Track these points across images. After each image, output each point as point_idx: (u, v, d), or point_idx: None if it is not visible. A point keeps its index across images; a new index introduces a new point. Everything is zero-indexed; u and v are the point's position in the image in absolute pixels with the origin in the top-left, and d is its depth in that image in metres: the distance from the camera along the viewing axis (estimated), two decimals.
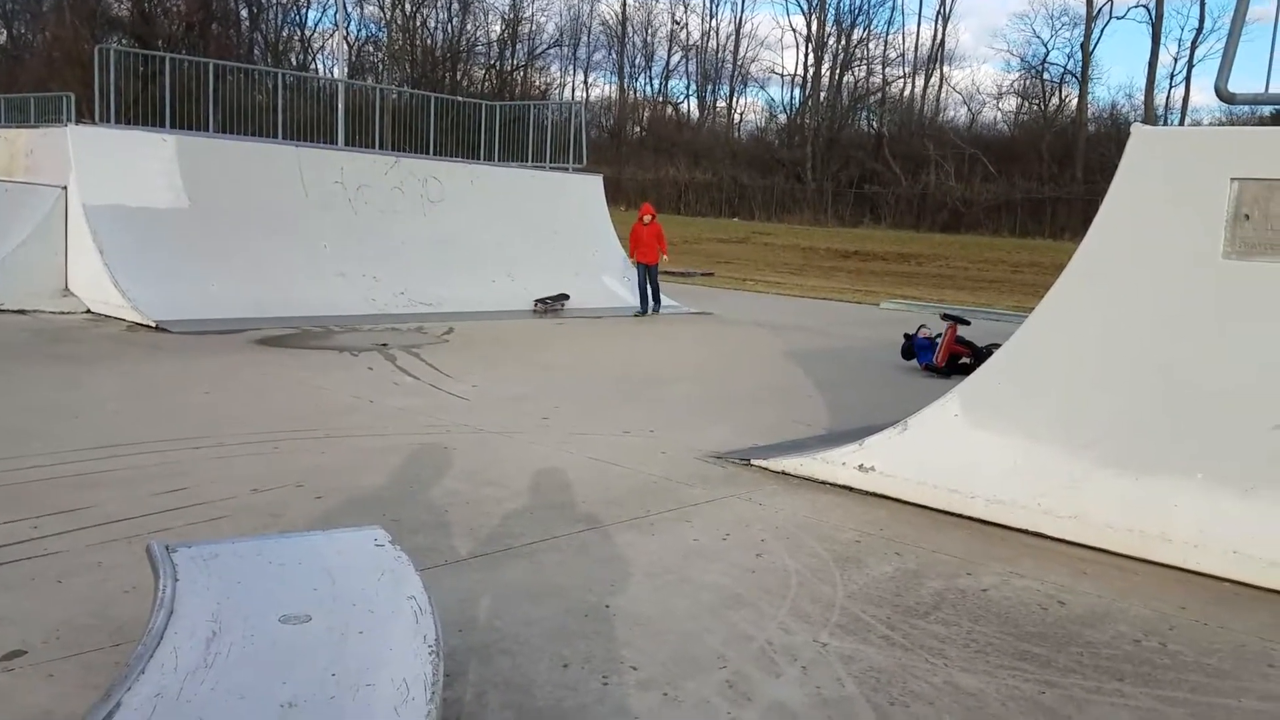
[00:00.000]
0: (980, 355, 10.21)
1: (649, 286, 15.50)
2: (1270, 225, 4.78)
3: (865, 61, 62.09)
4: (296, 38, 53.24)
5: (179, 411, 7.08)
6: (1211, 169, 4.96)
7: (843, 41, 61.92)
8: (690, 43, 67.33)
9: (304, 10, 53.45)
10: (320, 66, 51.88)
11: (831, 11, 61.56)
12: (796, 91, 64.95)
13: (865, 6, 72.77)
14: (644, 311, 15.43)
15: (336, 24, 41.86)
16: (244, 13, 49.06)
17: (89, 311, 12.01)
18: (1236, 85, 5.42)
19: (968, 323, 11.41)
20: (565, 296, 15.22)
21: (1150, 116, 49.31)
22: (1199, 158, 5.07)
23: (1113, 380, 5.19)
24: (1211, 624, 4.17)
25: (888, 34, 77.22)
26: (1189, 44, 54.47)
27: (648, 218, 15.45)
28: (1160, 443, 4.99)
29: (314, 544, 3.10)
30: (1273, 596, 4.48)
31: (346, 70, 45.45)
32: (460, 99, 19.86)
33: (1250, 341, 4.86)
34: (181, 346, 10.02)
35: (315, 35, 53.81)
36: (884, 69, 61.67)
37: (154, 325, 11.07)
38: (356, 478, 5.64)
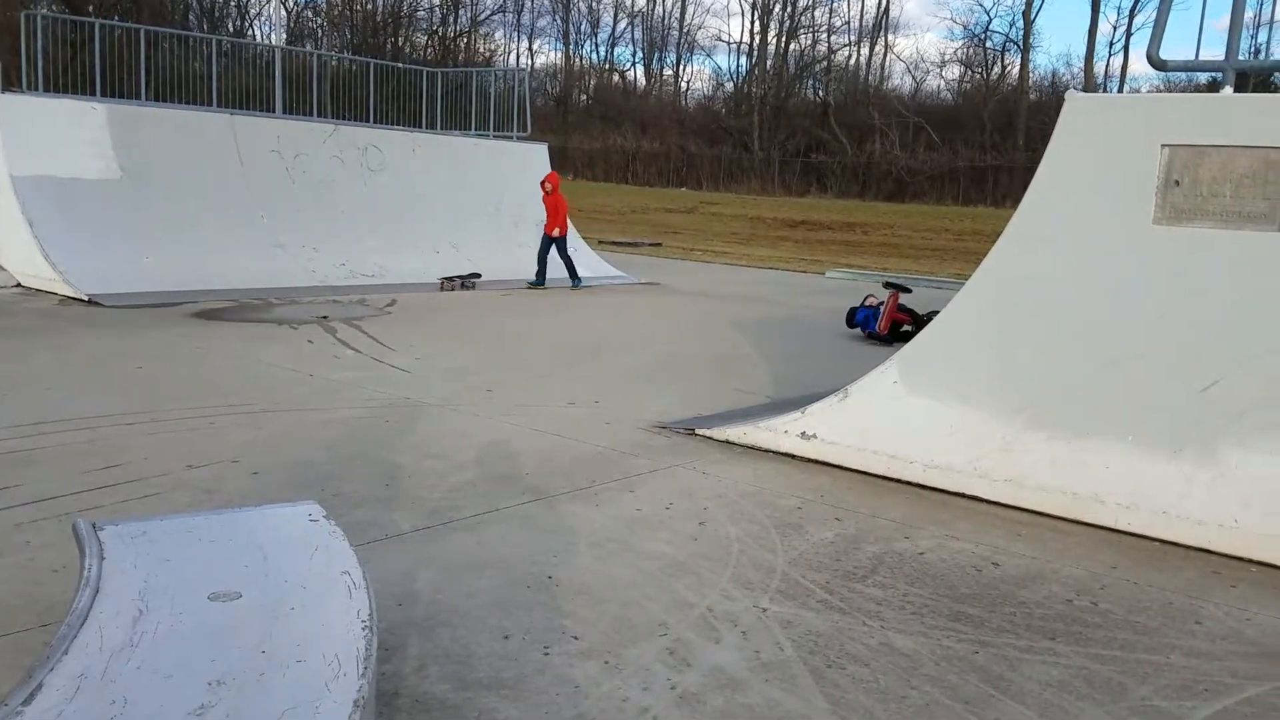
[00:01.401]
0: (921, 322, 10.33)
1: (561, 258, 14.83)
2: (1199, 191, 4.87)
3: (811, 29, 62.10)
4: (233, 3, 51.89)
5: (112, 387, 6.93)
6: (1143, 136, 5.04)
7: (788, 9, 61.86)
8: (636, 9, 66.85)
9: None
10: (257, 33, 50.69)
11: None
12: (743, 60, 64.87)
13: None
14: (576, 283, 14.89)
15: None
16: None
17: (19, 285, 11.69)
18: (1172, 53, 5.51)
19: (909, 290, 11.54)
20: (477, 275, 14.64)
21: (1090, 84, 49.98)
22: (1130, 125, 5.15)
23: (1045, 345, 5.28)
24: (1141, 583, 4.27)
25: (833, 2, 77.29)
26: (1128, 12, 55.11)
27: (549, 186, 14.83)
28: (1092, 406, 5.09)
29: (246, 520, 3.05)
30: (1200, 555, 4.61)
31: (284, 36, 44.46)
32: (401, 66, 19.55)
33: (1179, 306, 4.96)
34: (115, 320, 9.80)
35: (252, 1, 52.51)
36: (829, 37, 61.73)
37: (87, 299, 10.81)
38: (295, 452, 5.56)
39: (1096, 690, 3.29)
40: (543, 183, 14.94)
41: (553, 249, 14.86)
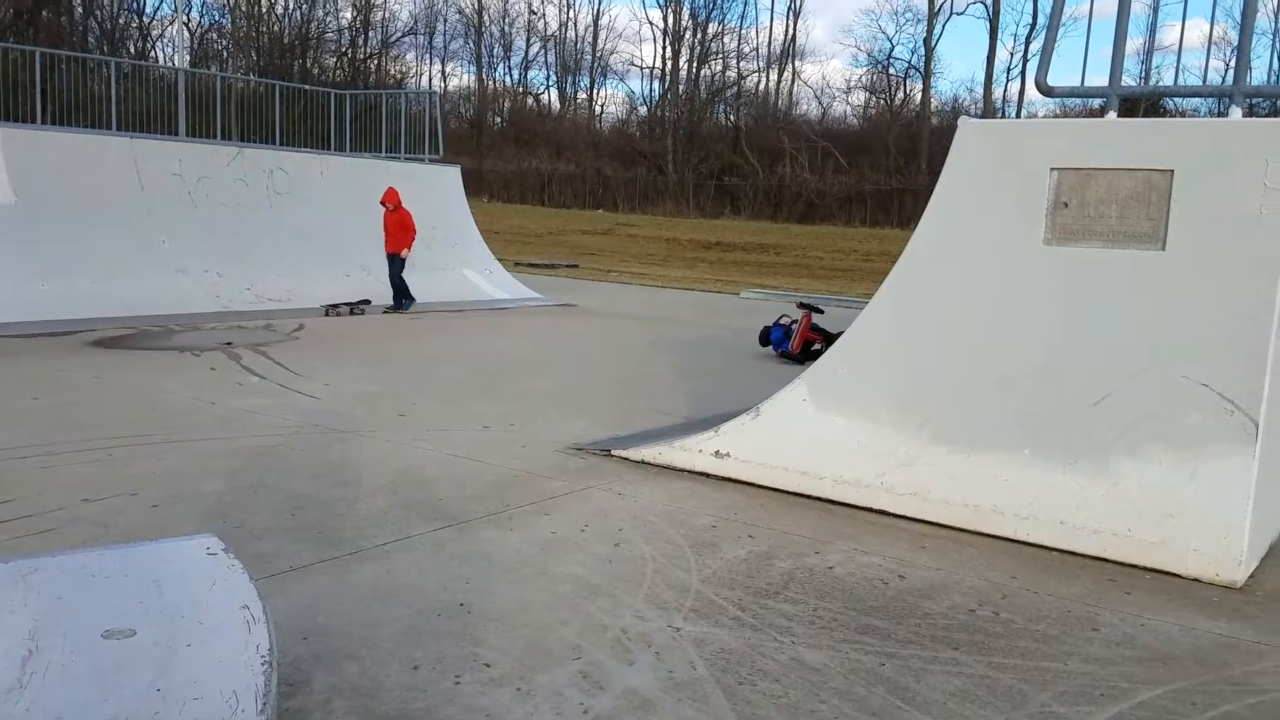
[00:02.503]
0: (833, 341, 10.53)
1: (393, 279, 14.17)
2: (1087, 212, 5.07)
3: (721, 55, 63.05)
4: (134, 25, 50.60)
5: (5, 418, 6.66)
6: (1033, 159, 5.23)
7: (699, 35, 62.71)
8: (548, 33, 67.04)
9: None
10: (160, 55, 49.49)
11: (687, 5, 62.25)
12: (656, 84, 65.49)
13: (720, 1, 73.80)
14: (396, 306, 14.18)
15: (177, 9, 39.87)
16: None
17: None
18: (1062, 79, 5.75)
19: (821, 311, 11.74)
20: (367, 301, 14.08)
21: (989, 109, 51.68)
22: (1021, 149, 5.34)
23: (944, 362, 5.43)
24: (1041, 591, 4.40)
25: (741, 29, 78.70)
26: (1024, 39, 57.04)
27: (390, 205, 14.08)
28: (989, 420, 5.24)
29: (141, 555, 2.96)
30: (1096, 563, 4.77)
31: (188, 59, 43.46)
32: (309, 88, 19.28)
33: (1070, 323, 5.15)
34: (9, 350, 9.42)
35: (155, 23, 51.28)
36: (739, 63, 62.74)
37: None
38: (196, 484, 5.41)
39: (998, 698, 3.38)
40: (382, 201, 14.12)
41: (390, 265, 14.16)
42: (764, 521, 5.20)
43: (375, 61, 59.95)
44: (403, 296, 14.20)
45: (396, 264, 14.17)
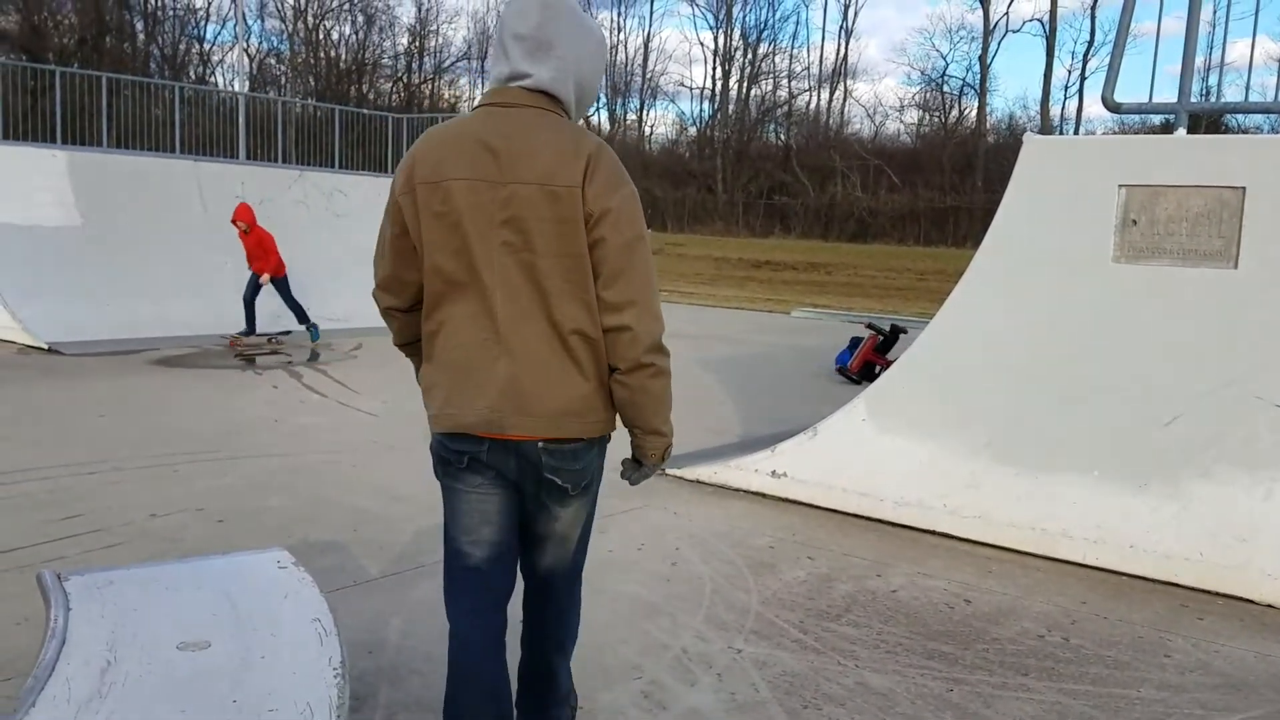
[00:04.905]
0: (893, 344, 10.64)
1: (288, 304, 12.14)
2: (1156, 230, 4.98)
3: (772, 75, 63.05)
4: (195, 50, 51.87)
5: (73, 435, 6.82)
6: (1100, 176, 5.15)
7: (749, 55, 62.80)
8: None
9: (202, 23, 52.06)
10: (220, 80, 50.65)
11: (738, 27, 62.42)
12: (706, 105, 65.66)
13: (771, 22, 74.03)
14: (314, 332, 12.29)
15: (237, 36, 40.82)
16: (139, 25, 47.59)
17: None
18: (1125, 96, 5.67)
19: (886, 333, 11.59)
20: (287, 332, 12.42)
21: (1046, 127, 51.04)
22: (1088, 166, 5.26)
23: (1008, 381, 5.34)
24: (1111, 617, 4.30)
25: (793, 49, 78.62)
26: (1082, 56, 56.31)
27: (243, 224, 11.64)
28: (1056, 441, 5.14)
29: (213, 568, 3.00)
30: (1167, 589, 4.65)
31: (248, 84, 44.46)
32: (366, 112, 19.60)
33: (1139, 342, 5.05)
34: (76, 369, 9.66)
35: (215, 49, 52.52)
36: (790, 82, 62.68)
37: (46, 347, 10.65)
38: (260, 499, 5.49)
39: None
40: (234, 221, 11.72)
41: (262, 291, 12.07)
42: (823, 543, 5.15)
43: (430, 86, 60.81)
44: (303, 320, 12.25)
45: (258, 288, 11.92)
